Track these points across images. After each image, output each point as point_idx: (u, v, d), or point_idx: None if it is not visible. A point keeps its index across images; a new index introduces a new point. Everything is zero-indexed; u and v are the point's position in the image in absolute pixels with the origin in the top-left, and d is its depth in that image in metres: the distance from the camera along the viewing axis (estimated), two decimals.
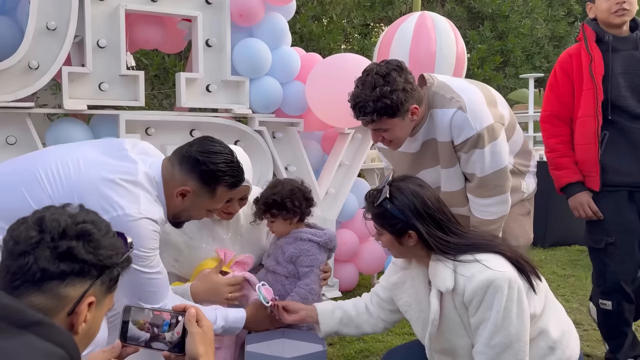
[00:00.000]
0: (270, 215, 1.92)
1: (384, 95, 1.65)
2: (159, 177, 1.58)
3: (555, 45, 8.42)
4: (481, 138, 1.77)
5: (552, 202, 5.06)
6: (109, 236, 0.90)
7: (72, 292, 0.84)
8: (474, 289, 1.42)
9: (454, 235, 1.53)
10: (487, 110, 1.80)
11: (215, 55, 2.93)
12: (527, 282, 1.49)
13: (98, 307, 0.90)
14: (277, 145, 3.16)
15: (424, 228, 1.50)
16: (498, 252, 1.49)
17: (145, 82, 2.78)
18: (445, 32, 3.45)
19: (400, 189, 1.53)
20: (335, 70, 2.94)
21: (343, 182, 3.38)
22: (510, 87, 7.71)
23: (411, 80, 1.72)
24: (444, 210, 1.56)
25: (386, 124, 1.72)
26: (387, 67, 1.69)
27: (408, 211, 1.50)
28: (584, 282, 3.94)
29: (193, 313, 1.07)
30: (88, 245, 0.86)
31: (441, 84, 1.82)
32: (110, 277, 0.90)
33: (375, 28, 7.44)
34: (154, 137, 2.82)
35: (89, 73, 2.61)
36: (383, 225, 1.55)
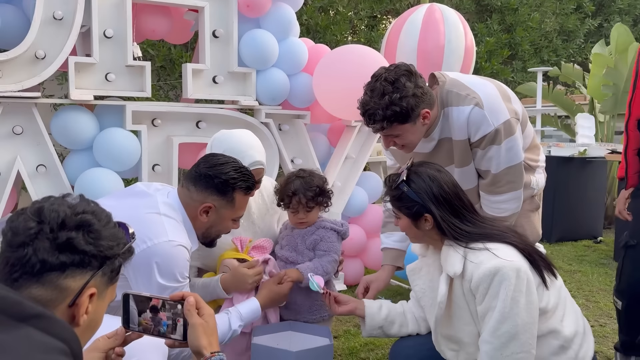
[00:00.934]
0: (315, 203, 1.93)
1: (393, 103, 1.62)
2: (178, 204, 1.66)
3: (564, 39, 8.34)
4: (498, 134, 1.75)
5: (558, 197, 5.04)
6: (109, 226, 0.88)
7: (72, 283, 0.83)
8: (481, 276, 1.42)
9: (468, 223, 1.54)
10: (503, 105, 1.78)
11: (222, 46, 2.91)
12: (539, 276, 1.48)
13: (100, 299, 0.88)
14: (284, 137, 3.15)
15: (438, 212, 1.53)
16: (510, 243, 1.49)
17: (152, 73, 2.77)
18: (454, 25, 3.42)
19: (418, 172, 1.57)
20: (343, 62, 2.91)
21: (349, 175, 3.37)
22: (518, 81, 7.64)
23: (421, 84, 1.69)
24: (460, 197, 1.58)
25: (397, 130, 1.70)
26: (395, 72, 1.66)
27: (424, 194, 1.53)
28: (590, 278, 3.92)
29: (192, 302, 1.05)
30: (88, 235, 0.84)
31: (454, 82, 1.80)
32: (112, 268, 0.88)
33: (382, 20, 7.38)
34: (160, 128, 2.81)
35: (96, 63, 2.60)
36: (400, 208, 1.59)
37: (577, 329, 1.54)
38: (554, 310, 1.51)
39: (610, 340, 2.77)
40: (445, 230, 1.53)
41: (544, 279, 1.49)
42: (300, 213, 1.94)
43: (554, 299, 1.51)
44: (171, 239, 1.54)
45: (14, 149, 2.50)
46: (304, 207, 1.92)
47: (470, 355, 1.55)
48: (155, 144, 2.80)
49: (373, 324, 1.78)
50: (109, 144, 2.61)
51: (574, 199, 5.13)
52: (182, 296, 1.07)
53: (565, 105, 6.48)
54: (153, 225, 1.55)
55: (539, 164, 2.10)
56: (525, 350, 1.42)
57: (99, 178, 2.58)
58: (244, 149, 1.82)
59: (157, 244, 1.52)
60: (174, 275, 1.53)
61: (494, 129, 1.74)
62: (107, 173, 2.62)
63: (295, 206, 1.93)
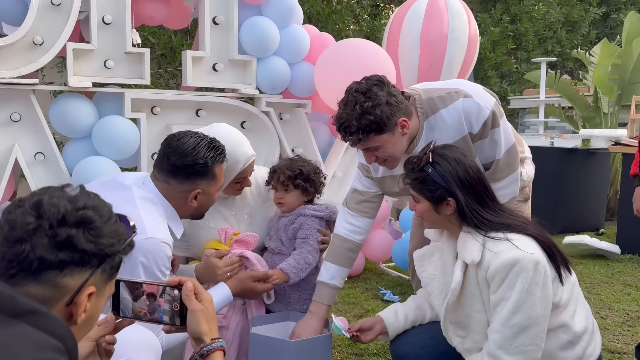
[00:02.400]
0: (292, 185, 1.91)
1: (366, 112, 1.57)
2: (157, 196, 1.63)
3: (568, 30, 8.26)
4: (495, 116, 1.73)
5: (560, 188, 5.01)
6: (111, 222, 0.85)
7: (71, 282, 0.80)
8: (499, 266, 1.40)
9: (490, 211, 1.52)
10: (483, 90, 1.77)
11: (222, 33, 2.87)
12: (556, 270, 1.47)
13: (98, 296, 0.86)
14: (284, 126, 3.12)
15: (463, 197, 1.50)
16: (531, 236, 1.47)
17: (152, 61, 2.74)
18: (458, 13, 3.37)
19: (444, 155, 1.54)
20: (345, 57, 2.88)
21: (350, 165, 3.34)
22: (522, 72, 7.58)
23: (395, 93, 1.64)
24: (484, 182, 1.56)
25: (375, 141, 1.63)
26: (367, 83, 1.63)
27: (450, 177, 1.50)
28: (592, 270, 3.90)
29: (190, 287, 1.03)
30: (88, 233, 0.81)
31: (428, 90, 1.75)
32: (112, 264, 0.86)
33: (385, 9, 7.30)
34: (160, 116, 2.79)
35: (94, 50, 2.57)
36: (422, 191, 1.55)
37: (587, 325, 1.53)
38: (566, 305, 1.49)
39: (611, 333, 2.76)
40: (467, 216, 1.50)
41: (560, 274, 1.47)
42: (279, 192, 1.93)
43: (567, 294, 1.50)
44: (150, 236, 1.50)
45: (12, 137, 2.48)
46: (281, 185, 1.91)
47: (477, 343, 1.54)
48: (155, 132, 2.77)
49: (397, 332, 1.75)
50: (107, 132, 2.59)
51: (576, 190, 5.10)
52: (180, 281, 1.04)
53: (570, 96, 6.43)
54: None
55: (526, 155, 2.09)
56: (535, 344, 1.40)
57: (97, 166, 2.56)
58: (235, 148, 1.80)
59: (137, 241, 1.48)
60: (153, 272, 1.50)
61: (490, 111, 1.71)
62: (106, 161, 2.60)
63: (274, 184, 1.94)
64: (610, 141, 4.97)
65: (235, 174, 1.81)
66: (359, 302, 3.14)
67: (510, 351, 1.40)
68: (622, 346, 2.60)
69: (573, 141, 5.27)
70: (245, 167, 1.82)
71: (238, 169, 1.80)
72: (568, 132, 6.64)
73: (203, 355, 1.00)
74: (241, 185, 1.87)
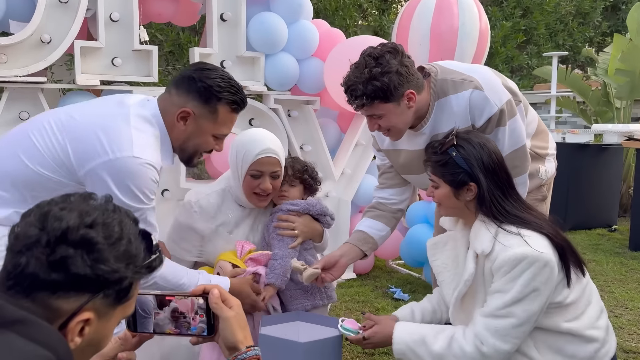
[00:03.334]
0: (298, 180, 1.93)
1: (374, 77, 1.55)
2: (155, 115, 1.52)
3: (580, 22, 8.14)
4: (503, 114, 1.68)
5: (572, 184, 4.95)
6: (120, 244, 0.76)
7: (64, 305, 0.72)
8: (506, 259, 1.38)
9: (510, 200, 1.49)
10: (501, 85, 1.72)
11: (230, 30, 2.85)
12: (565, 272, 1.44)
13: (102, 319, 0.77)
14: (293, 123, 3.09)
15: (485, 182, 1.46)
16: (545, 234, 1.43)
17: (160, 58, 2.72)
18: (469, 7, 3.31)
19: (468, 139, 1.50)
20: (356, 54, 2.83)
21: (359, 162, 3.31)
22: (532, 66, 7.49)
23: (407, 63, 1.60)
24: (506, 170, 1.52)
25: (379, 109, 1.61)
26: (381, 49, 1.60)
27: (474, 161, 1.47)
28: (605, 267, 3.84)
29: (217, 294, 0.96)
30: (87, 256, 0.72)
31: (446, 70, 1.71)
32: (118, 289, 0.76)
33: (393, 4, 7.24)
34: None
35: (102, 47, 2.55)
36: (443, 174, 1.51)
37: (600, 326, 1.49)
38: (574, 305, 1.46)
39: (625, 332, 2.71)
40: (486, 203, 1.47)
41: (569, 276, 1.44)
42: (284, 185, 1.91)
43: (575, 294, 1.46)
44: (136, 155, 1.41)
45: None
46: (288, 178, 1.91)
47: None
48: None
49: None
50: None
51: (588, 186, 5.03)
52: (204, 289, 0.98)
53: (581, 90, 6.34)
54: (120, 137, 1.43)
55: (549, 152, 2.01)
56: (519, 338, 1.40)
57: None
58: (257, 138, 1.79)
59: (120, 157, 1.40)
60: (135, 193, 1.42)
61: (498, 109, 1.67)
62: None
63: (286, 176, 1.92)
64: (623, 136, 4.89)
65: (250, 162, 1.77)
66: (368, 300, 3.11)
67: (495, 335, 1.39)
68: (637, 345, 2.56)
69: (585, 136, 5.20)
70: (261, 159, 1.75)
71: (253, 154, 1.76)
72: (580, 127, 6.56)
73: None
74: (259, 186, 1.79)
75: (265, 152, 1.77)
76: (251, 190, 1.81)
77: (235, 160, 1.81)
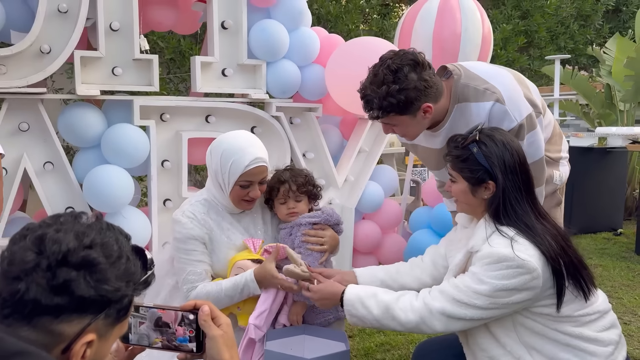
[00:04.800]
0: (305, 191, 1.90)
1: (390, 94, 1.55)
2: None
3: (581, 24, 8.11)
4: (522, 129, 1.66)
5: (577, 188, 4.91)
6: (120, 263, 0.76)
7: (67, 329, 0.72)
8: (488, 253, 1.38)
9: (525, 204, 1.45)
10: (523, 98, 1.70)
11: (231, 37, 2.82)
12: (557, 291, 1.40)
13: (102, 340, 0.77)
14: (295, 131, 3.06)
15: (504, 181, 1.44)
16: (541, 251, 1.40)
17: (161, 65, 2.71)
18: (471, 12, 3.29)
19: (491, 136, 1.48)
20: (356, 55, 2.81)
21: (363, 169, 3.28)
22: (534, 69, 7.46)
23: (426, 76, 1.58)
24: (528, 172, 1.50)
25: (394, 120, 1.64)
26: (400, 60, 1.58)
27: (495, 159, 1.45)
28: (612, 273, 3.80)
29: (207, 311, 0.96)
30: (90, 277, 0.72)
31: (470, 75, 1.69)
32: (119, 308, 0.77)
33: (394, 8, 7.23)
34: (169, 123, 2.75)
35: (102, 57, 2.53)
36: (462, 170, 1.49)
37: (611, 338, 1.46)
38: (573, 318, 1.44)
39: (635, 340, 2.67)
40: (498, 202, 1.44)
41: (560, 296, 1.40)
42: (290, 202, 1.88)
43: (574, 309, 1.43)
44: None
45: (21, 146, 2.45)
46: (293, 194, 1.88)
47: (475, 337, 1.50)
48: (164, 140, 2.73)
49: None
50: (117, 141, 2.55)
51: (593, 190, 5.00)
52: (195, 305, 0.98)
53: (586, 93, 6.30)
54: None
55: (562, 155, 1.99)
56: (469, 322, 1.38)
57: (107, 175, 2.52)
58: (244, 146, 1.76)
59: None
60: None
61: (518, 124, 1.65)
62: (116, 170, 2.56)
63: (284, 194, 1.89)
64: (627, 139, 4.85)
65: (240, 173, 1.74)
66: None
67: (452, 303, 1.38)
68: None
69: (589, 140, 5.17)
70: (251, 170, 1.75)
71: (243, 166, 1.74)
72: (583, 130, 6.52)
73: None
74: (249, 194, 1.80)
75: (255, 163, 1.75)
76: (240, 198, 1.80)
77: (220, 170, 1.76)
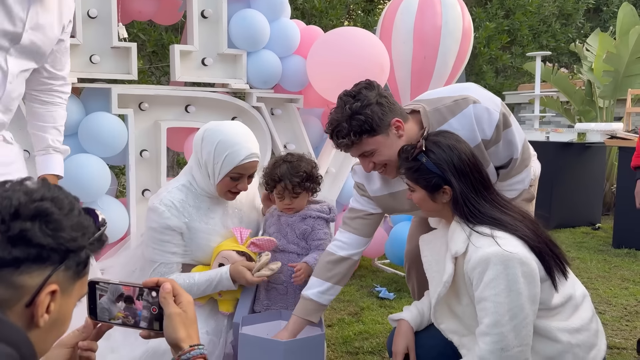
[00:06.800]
0: (302, 189, 1.87)
1: (356, 112, 1.53)
2: None
3: (562, 23, 8.23)
4: (506, 117, 1.68)
5: (556, 183, 4.98)
6: (72, 215, 0.78)
7: (29, 280, 0.73)
8: (477, 260, 1.38)
9: (484, 201, 1.48)
10: (488, 92, 1.72)
11: (211, 27, 2.81)
12: (548, 273, 1.42)
13: (65, 295, 0.78)
14: (276, 122, 3.06)
15: (458, 185, 1.47)
16: (520, 237, 1.42)
17: (143, 58, 2.69)
18: (452, 6, 3.32)
19: (437, 142, 1.50)
20: (338, 45, 2.82)
21: (344, 161, 3.29)
22: (516, 66, 7.54)
23: (385, 95, 1.59)
24: (479, 169, 1.52)
25: (369, 144, 1.57)
26: (356, 87, 1.60)
27: (444, 165, 1.47)
28: (589, 265, 3.87)
29: (168, 289, 0.95)
30: (46, 227, 0.74)
31: (432, 101, 1.69)
32: (77, 261, 0.78)
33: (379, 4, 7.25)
34: (148, 112, 2.73)
35: (79, 45, 2.50)
36: (417, 180, 1.52)
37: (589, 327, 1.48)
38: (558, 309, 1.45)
39: (609, 328, 2.72)
40: (460, 205, 1.47)
41: (553, 277, 1.43)
42: (286, 199, 1.88)
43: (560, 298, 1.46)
44: None
45: None
46: (290, 193, 1.86)
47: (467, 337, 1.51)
48: (143, 129, 2.71)
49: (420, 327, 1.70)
50: (94, 129, 2.52)
51: (572, 185, 5.07)
52: (157, 282, 0.97)
53: (566, 90, 6.39)
54: None
55: (531, 152, 2.04)
56: (525, 344, 1.37)
57: (85, 164, 2.49)
58: (241, 141, 1.75)
59: None
60: None
61: (500, 114, 1.65)
62: (94, 159, 2.54)
63: (280, 192, 1.88)
64: (606, 135, 4.94)
65: (233, 166, 1.74)
66: (353, 299, 3.09)
67: (501, 357, 1.36)
68: (621, 341, 2.56)
69: (569, 135, 5.25)
70: (244, 164, 1.75)
71: (237, 160, 1.74)
72: (563, 127, 6.61)
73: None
74: (236, 186, 1.79)
75: (250, 158, 1.75)
76: (227, 189, 1.79)
77: (212, 159, 1.75)
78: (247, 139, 1.78)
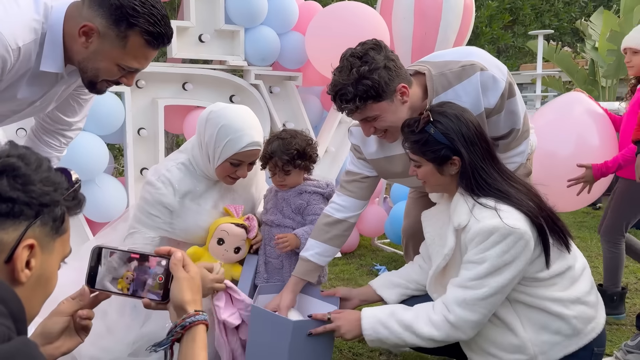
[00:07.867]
0: (293, 167, 1.84)
1: (363, 76, 1.46)
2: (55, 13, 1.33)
3: (565, 2, 8.11)
4: (511, 86, 1.64)
5: None
6: (41, 170, 0.77)
7: (5, 236, 0.73)
8: (478, 230, 1.38)
9: (492, 171, 1.46)
10: (495, 59, 1.68)
11: (207, 2, 2.76)
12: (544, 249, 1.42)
13: (46, 252, 0.78)
14: (275, 100, 3.03)
15: (467, 154, 1.44)
16: (524, 212, 1.40)
17: None
18: None
19: (443, 112, 1.46)
20: (337, 20, 2.78)
21: (343, 140, 3.26)
22: (518, 46, 7.46)
23: (393, 57, 1.53)
24: (486, 138, 1.49)
25: (373, 110, 1.52)
26: (363, 47, 1.52)
27: (453, 134, 1.43)
28: (589, 244, 3.87)
29: (179, 257, 0.97)
30: (14, 181, 0.73)
31: (438, 64, 1.63)
32: (53, 217, 0.78)
33: None
34: (145, 89, 2.69)
35: None
36: (424, 152, 1.47)
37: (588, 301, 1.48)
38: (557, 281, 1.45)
39: None
40: (468, 176, 1.44)
41: (548, 254, 1.42)
42: (278, 176, 1.86)
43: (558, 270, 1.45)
44: None
45: None
46: (280, 170, 1.84)
47: None
48: (140, 107, 2.68)
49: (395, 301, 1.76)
50: (91, 107, 2.49)
51: None
52: (169, 251, 0.98)
53: (569, 69, 6.33)
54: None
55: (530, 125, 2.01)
56: (490, 310, 1.40)
57: (81, 142, 2.46)
58: (244, 127, 1.70)
59: None
60: None
61: (506, 82, 1.62)
62: (90, 137, 2.52)
63: (272, 168, 1.86)
64: None
65: (234, 152, 1.71)
66: (353, 278, 3.09)
67: (462, 305, 1.40)
68: None
69: None
70: (245, 151, 1.71)
71: (238, 147, 1.70)
72: None
73: (185, 327, 0.92)
74: (235, 172, 1.76)
75: (251, 146, 1.71)
76: (226, 174, 1.77)
77: (213, 142, 1.72)
78: (251, 126, 1.73)
